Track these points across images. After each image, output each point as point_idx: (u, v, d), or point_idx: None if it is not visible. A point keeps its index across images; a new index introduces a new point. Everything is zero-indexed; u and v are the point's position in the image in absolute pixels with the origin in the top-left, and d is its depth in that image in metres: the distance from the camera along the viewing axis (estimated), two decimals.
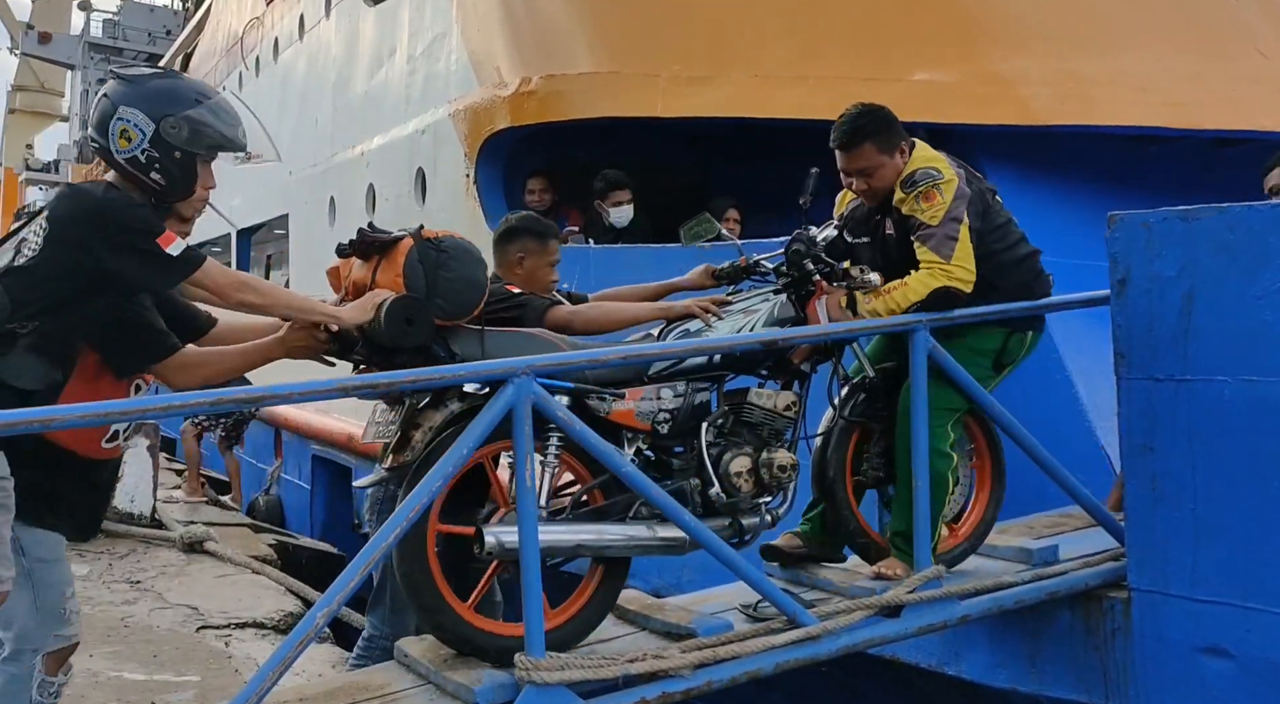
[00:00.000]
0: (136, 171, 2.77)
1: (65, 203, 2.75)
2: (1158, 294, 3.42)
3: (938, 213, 3.37)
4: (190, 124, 2.77)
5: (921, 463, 3.37)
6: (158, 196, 2.81)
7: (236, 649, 5.21)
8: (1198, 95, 6.05)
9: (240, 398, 2.70)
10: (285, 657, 2.54)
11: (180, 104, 2.78)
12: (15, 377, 2.63)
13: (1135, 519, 3.50)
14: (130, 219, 2.68)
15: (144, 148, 2.74)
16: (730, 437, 3.24)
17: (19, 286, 2.66)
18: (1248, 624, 3.22)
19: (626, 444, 3.13)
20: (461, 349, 2.97)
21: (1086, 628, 3.63)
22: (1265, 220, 3.22)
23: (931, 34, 6.24)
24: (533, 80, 6.63)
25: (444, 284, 2.94)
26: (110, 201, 2.71)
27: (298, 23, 11.58)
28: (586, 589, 3.06)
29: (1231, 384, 3.26)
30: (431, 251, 2.96)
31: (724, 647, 2.98)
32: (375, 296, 2.90)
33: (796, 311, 3.42)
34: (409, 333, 2.86)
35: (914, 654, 3.97)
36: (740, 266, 3.61)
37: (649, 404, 3.14)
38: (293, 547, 8.24)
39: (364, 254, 3.06)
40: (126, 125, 2.74)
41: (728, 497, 3.15)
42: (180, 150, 2.76)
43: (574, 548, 2.99)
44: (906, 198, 3.43)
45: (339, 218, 9.80)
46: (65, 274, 2.67)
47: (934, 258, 3.37)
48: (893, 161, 3.50)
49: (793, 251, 3.44)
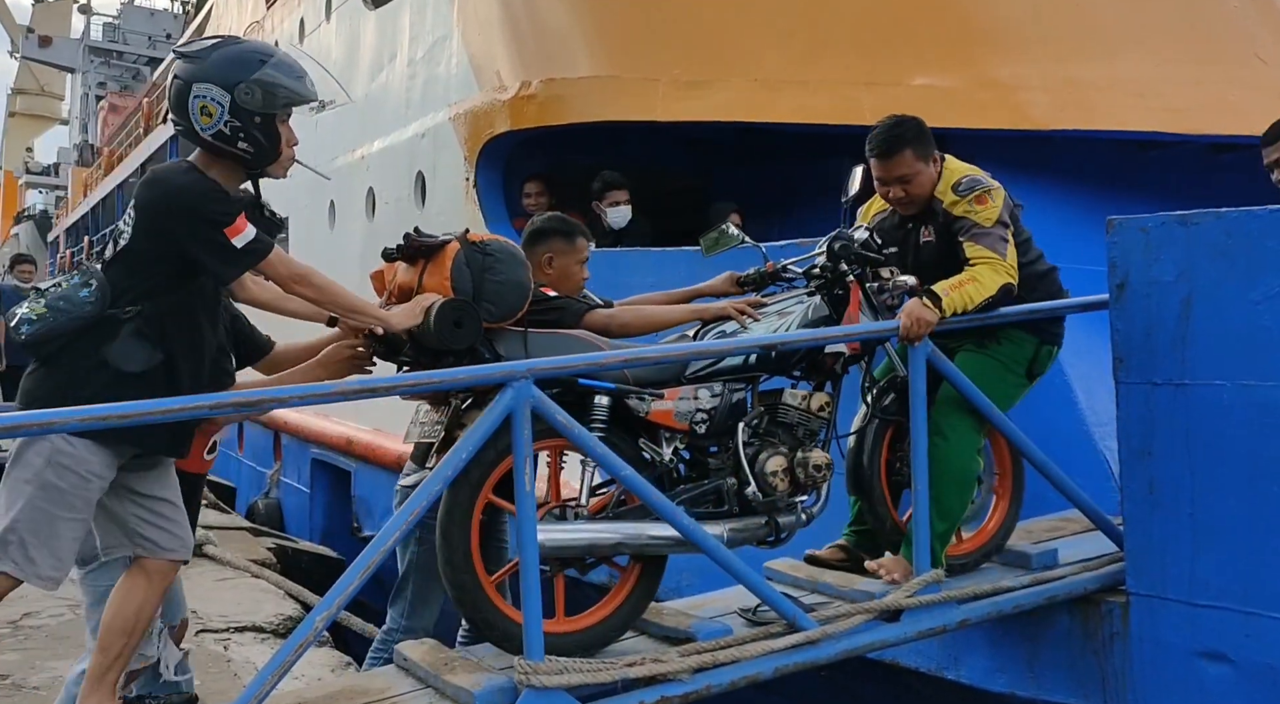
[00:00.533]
0: (224, 145, 2.80)
1: (146, 191, 2.81)
2: (1156, 299, 3.43)
3: (992, 215, 3.48)
4: (262, 86, 2.79)
5: (921, 467, 3.38)
6: (249, 165, 2.86)
7: (236, 653, 5.21)
8: (1196, 101, 6.06)
9: (239, 401, 2.70)
10: (284, 661, 2.55)
11: (248, 68, 2.79)
12: (122, 361, 2.74)
13: (1133, 524, 3.50)
14: (202, 210, 2.74)
15: (226, 119, 2.77)
16: (765, 437, 3.28)
17: (118, 274, 2.77)
18: (1246, 629, 3.22)
19: (665, 443, 3.17)
20: (506, 351, 3.02)
21: (1085, 632, 3.64)
22: (1263, 225, 3.22)
23: (931, 39, 6.26)
24: (533, 84, 6.63)
25: (490, 287, 2.99)
26: (184, 189, 2.77)
27: (298, 26, 11.59)
28: (625, 586, 3.10)
29: (1230, 389, 3.26)
30: (478, 255, 3.01)
31: (723, 651, 2.98)
32: (424, 300, 2.95)
33: (831, 313, 3.45)
34: (458, 335, 2.90)
35: (913, 658, 3.97)
36: (766, 272, 3.65)
37: (686, 404, 3.18)
38: (292, 550, 8.23)
39: (410, 258, 3.10)
40: (205, 101, 2.77)
41: (764, 496, 3.19)
42: (259, 114, 2.79)
43: (615, 546, 3.04)
44: (960, 201, 3.51)
45: (339, 221, 9.80)
46: (156, 259, 2.77)
47: (992, 254, 3.44)
48: (928, 169, 3.58)
49: (839, 248, 3.47)
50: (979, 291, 3.42)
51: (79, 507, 2.74)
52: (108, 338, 2.73)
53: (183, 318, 2.83)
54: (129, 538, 2.90)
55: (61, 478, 2.69)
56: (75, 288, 2.76)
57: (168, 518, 2.92)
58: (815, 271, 3.51)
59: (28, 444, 2.70)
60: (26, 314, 2.74)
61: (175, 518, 2.94)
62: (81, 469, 2.71)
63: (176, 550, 2.93)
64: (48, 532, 2.71)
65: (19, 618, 5.55)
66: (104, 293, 2.74)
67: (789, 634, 3.09)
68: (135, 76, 42.13)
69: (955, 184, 3.54)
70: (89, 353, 2.72)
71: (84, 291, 2.74)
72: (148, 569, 2.91)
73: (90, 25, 45.32)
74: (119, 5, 45.84)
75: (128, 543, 2.90)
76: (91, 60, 44.02)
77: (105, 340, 2.73)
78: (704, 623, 3.12)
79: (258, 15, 13.65)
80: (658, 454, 3.16)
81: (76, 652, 4.37)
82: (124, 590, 2.90)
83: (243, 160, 2.84)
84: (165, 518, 2.91)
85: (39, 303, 2.75)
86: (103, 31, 44.70)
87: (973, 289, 3.42)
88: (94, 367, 2.72)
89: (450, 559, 2.88)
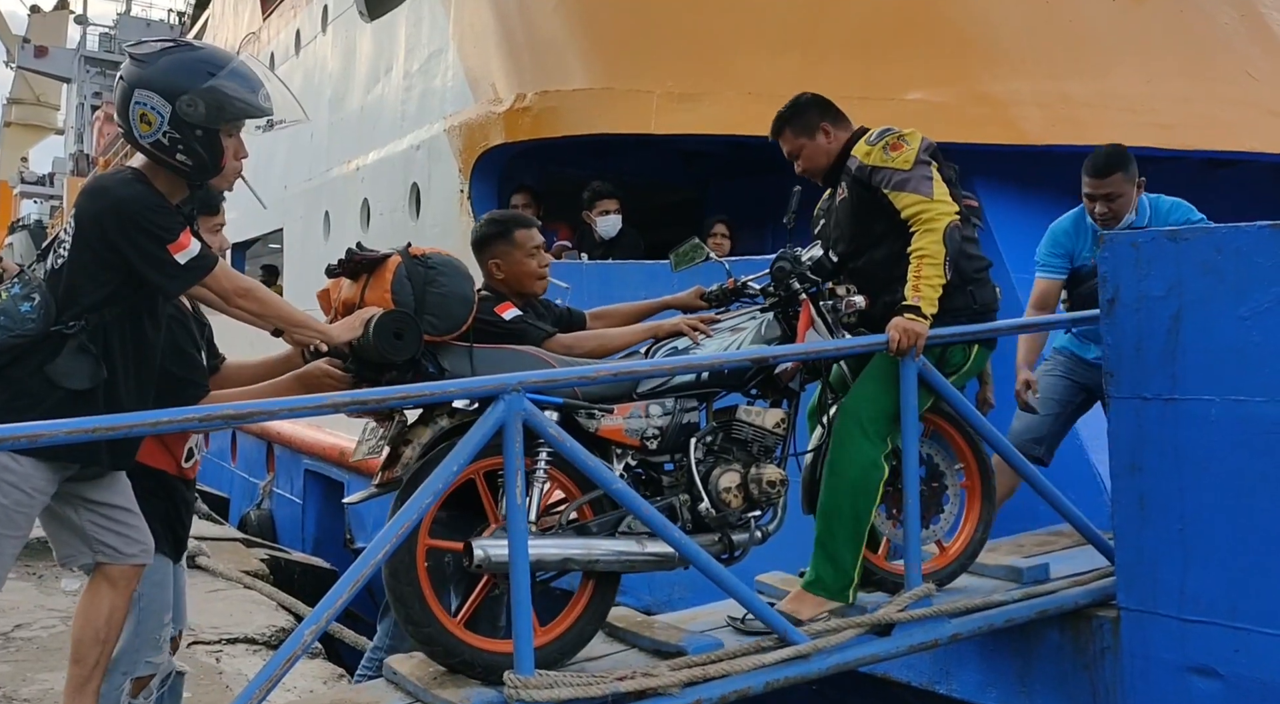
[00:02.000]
0: (162, 155, 2.72)
1: (88, 201, 2.72)
2: (1146, 313, 3.44)
3: (909, 157, 3.40)
4: (206, 98, 2.68)
5: (912, 481, 3.38)
6: (188, 177, 2.77)
7: (227, 665, 5.20)
8: (1187, 117, 6.10)
9: (229, 414, 2.70)
10: (272, 674, 2.54)
11: (194, 78, 2.68)
12: (65, 377, 2.66)
13: (1124, 538, 3.51)
14: (144, 224, 2.66)
15: (165, 130, 2.67)
16: (719, 453, 3.26)
17: (60, 288, 2.68)
18: (1236, 644, 3.23)
19: (616, 460, 3.14)
20: (451, 365, 2.99)
21: (1076, 647, 3.64)
22: (1252, 241, 3.24)
23: (925, 54, 6.29)
24: (527, 96, 6.66)
25: (433, 300, 2.96)
26: (127, 200, 2.67)
27: (294, 38, 11.62)
28: (577, 605, 3.07)
29: (1219, 404, 3.27)
30: (419, 268, 2.98)
31: (713, 665, 2.97)
32: (364, 313, 2.92)
33: (783, 330, 3.43)
34: (398, 347, 2.87)
35: (905, 673, 3.97)
36: (728, 288, 3.64)
37: (638, 421, 3.16)
38: (285, 561, 8.21)
39: (353, 273, 3.07)
40: (145, 108, 2.67)
41: (716, 512, 3.17)
42: (201, 128, 2.69)
43: (563, 562, 3.00)
44: (872, 150, 3.45)
45: (334, 232, 9.81)
46: (99, 271, 2.68)
47: (917, 198, 3.35)
48: (814, 142, 3.64)
49: (777, 269, 3.46)
50: (933, 267, 3.30)
51: (21, 523, 2.69)
52: (51, 355, 2.65)
53: (127, 330, 2.75)
54: (89, 546, 2.84)
55: (6, 495, 2.64)
56: (15, 301, 2.67)
57: (123, 523, 2.86)
58: (770, 289, 3.50)
59: None
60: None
61: (132, 523, 2.88)
62: (26, 486, 2.65)
63: (136, 555, 2.87)
64: None
65: (10, 630, 5.53)
66: (47, 309, 2.65)
67: (780, 648, 3.09)
68: None
69: (868, 136, 3.51)
70: (34, 370, 2.65)
71: (25, 306, 2.65)
72: (110, 576, 2.84)
73: (86, 35, 45.36)
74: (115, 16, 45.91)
75: (88, 551, 2.85)
76: (87, 70, 44.06)
77: (49, 357, 2.65)
78: (694, 637, 3.12)
79: (254, 26, 13.68)
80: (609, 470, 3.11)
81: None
82: (89, 599, 2.85)
83: (182, 172, 2.75)
84: (121, 523, 2.85)
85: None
86: (99, 42, 44.75)
87: (928, 270, 3.30)
88: (39, 384, 2.65)
89: (409, 617, 2.84)
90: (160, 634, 3.20)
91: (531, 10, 7.03)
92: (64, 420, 2.40)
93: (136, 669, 3.16)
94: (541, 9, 6.97)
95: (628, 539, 3.07)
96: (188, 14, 34.49)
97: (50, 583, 7.33)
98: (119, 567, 2.86)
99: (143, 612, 3.15)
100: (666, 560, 3.08)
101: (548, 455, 2.99)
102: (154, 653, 3.19)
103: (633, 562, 3.06)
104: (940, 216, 3.33)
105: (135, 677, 3.17)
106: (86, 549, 2.86)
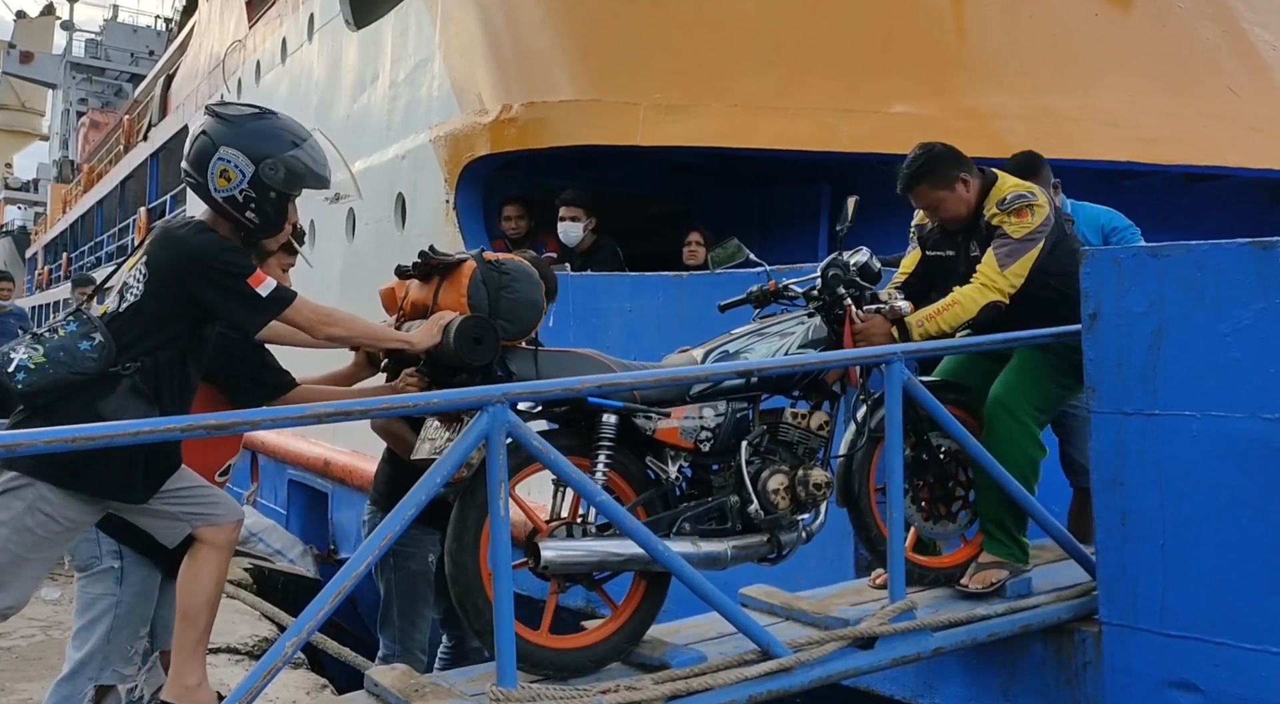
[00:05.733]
0: (232, 210, 2.86)
1: (162, 249, 2.85)
2: (1127, 329, 3.46)
3: (1025, 228, 3.67)
4: (288, 166, 2.84)
5: (896, 490, 3.39)
6: (248, 233, 2.91)
7: (210, 675, 5.11)
8: (1169, 131, 6.16)
9: (212, 424, 2.68)
10: (253, 685, 2.52)
11: (279, 146, 2.85)
12: (117, 415, 2.72)
13: (1105, 553, 3.52)
14: (224, 263, 2.79)
15: (242, 188, 2.82)
16: (766, 455, 3.32)
17: (125, 331, 2.79)
18: (1216, 659, 3.24)
19: (670, 461, 3.21)
20: (517, 368, 3.04)
21: (1058, 661, 3.65)
22: (1233, 259, 3.26)
23: (910, 68, 6.33)
24: (514, 107, 6.66)
25: (506, 305, 3.02)
26: (204, 245, 2.81)
27: (280, 46, 11.60)
28: (630, 604, 3.13)
29: (1200, 419, 3.29)
30: (494, 273, 3.04)
31: (696, 679, 2.97)
32: (441, 318, 2.98)
33: (830, 334, 3.53)
34: (477, 352, 2.93)
35: (888, 686, 3.97)
36: (769, 290, 3.71)
37: (692, 422, 3.22)
38: (268, 571, 8.17)
39: (425, 275, 3.13)
40: (227, 165, 2.81)
41: (766, 513, 3.23)
42: (276, 191, 2.85)
43: (624, 562, 3.05)
44: (1000, 214, 3.72)
45: (319, 241, 9.79)
46: (171, 317, 2.81)
47: (991, 269, 3.63)
48: (954, 194, 3.78)
49: (830, 276, 3.55)
50: (958, 315, 3.61)
51: (48, 550, 2.81)
52: (104, 393, 2.74)
53: (175, 372, 2.85)
54: (184, 522, 2.92)
55: (40, 525, 2.74)
56: (74, 338, 2.75)
57: (202, 494, 2.96)
58: (814, 293, 3.60)
59: (11, 491, 2.73)
60: (23, 361, 2.72)
61: (209, 491, 2.99)
62: (59, 516, 2.76)
63: (227, 514, 2.97)
64: (12, 572, 2.75)
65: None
66: (108, 350, 2.75)
67: (763, 661, 3.08)
68: (117, 93, 42.00)
69: (1001, 200, 3.73)
70: (85, 407, 2.71)
71: (84, 344, 2.74)
72: (212, 539, 2.93)
73: (72, 41, 45.19)
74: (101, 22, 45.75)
75: (185, 526, 2.92)
76: (73, 76, 43.87)
77: (101, 395, 2.74)
78: (678, 650, 3.12)
79: (240, 34, 13.65)
80: (664, 472, 3.21)
81: (48, 673, 4.32)
82: (194, 565, 2.92)
83: (244, 228, 2.89)
84: (200, 495, 2.95)
85: (37, 351, 2.73)
86: (85, 48, 44.58)
87: (949, 315, 3.61)
88: (90, 420, 2.67)
89: (478, 628, 2.89)
90: (134, 645, 3.20)
91: (518, 21, 7.04)
92: (40, 430, 2.40)
93: (102, 677, 3.18)
94: (528, 20, 6.98)
95: (682, 540, 3.14)
96: (174, 21, 34.41)
97: None
98: (216, 527, 2.94)
99: (118, 619, 3.15)
100: (719, 560, 3.18)
101: (606, 458, 3.05)
102: (123, 664, 3.20)
103: (687, 561, 3.10)
104: (995, 292, 3.62)
105: (99, 684, 3.17)
106: (184, 526, 2.94)
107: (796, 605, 3.56)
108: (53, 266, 31.97)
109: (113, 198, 25.02)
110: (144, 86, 26.90)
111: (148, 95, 23.19)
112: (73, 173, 36.47)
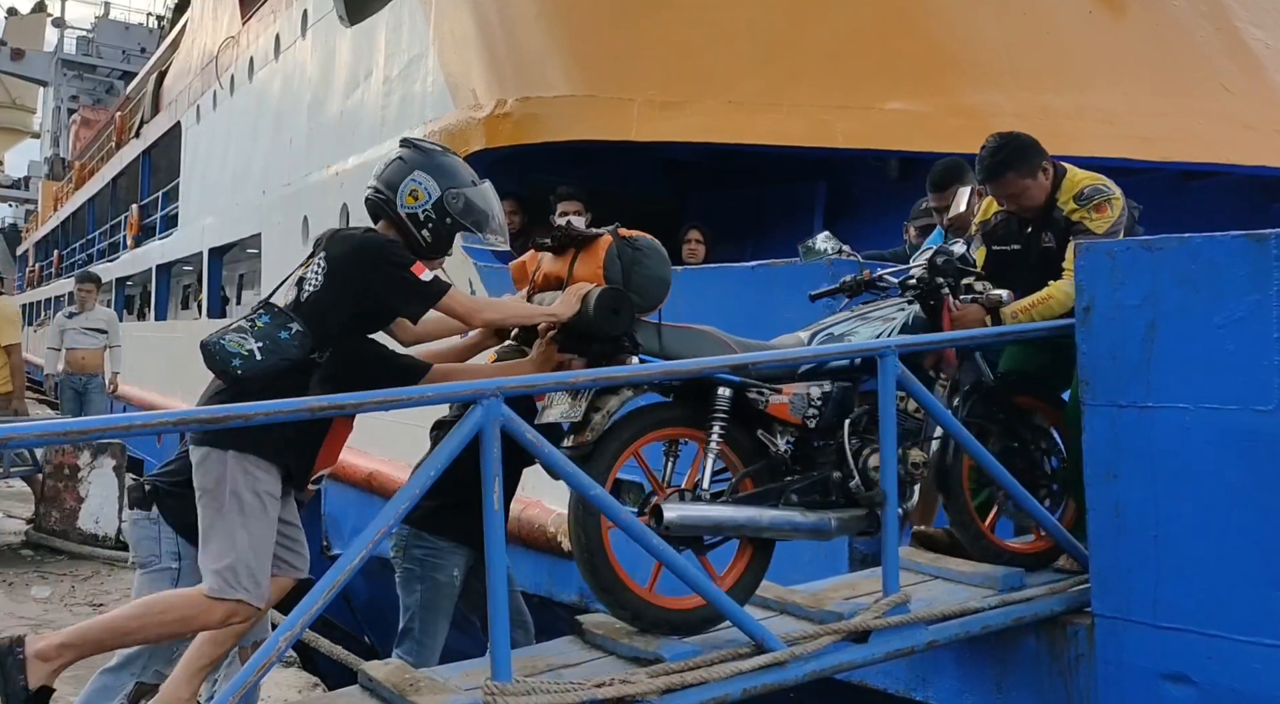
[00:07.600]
0: (411, 226, 3.13)
1: (339, 244, 3.10)
2: (1121, 322, 3.46)
3: (1106, 223, 3.77)
4: (468, 197, 3.15)
5: (891, 480, 3.39)
6: (415, 249, 3.13)
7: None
8: (1164, 129, 6.17)
9: (203, 419, 2.67)
10: (245, 681, 2.51)
11: (462, 181, 3.16)
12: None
13: (1098, 546, 3.53)
14: (391, 252, 3.06)
15: (425, 209, 3.11)
16: (865, 434, 3.42)
17: (309, 320, 2.98)
18: (1209, 651, 3.25)
19: (779, 436, 3.34)
20: (643, 340, 3.18)
21: (1051, 654, 3.65)
22: (1227, 251, 3.27)
23: (905, 66, 6.34)
24: (508, 103, 6.66)
25: (638, 279, 3.17)
26: (375, 240, 3.10)
27: (273, 43, 11.58)
28: (735, 569, 3.29)
29: (1193, 412, 3.29)
30: (628, 249, 3.19)
31: (691, 672, 2.96)
32: (579, 289, 3.15)
33: (930, 320, 3.66)
34: (615, 321, 3.10)
35: (882, 680, 3.97)
36: (862, 280, 3.89)
37: (800, 400, 3.35)
38: None
39: (559, 249, 3.29)
40: (417, 186, 3.12)
41: (866, 488, 3.33)
42: (452, 218, 3.13)
43: (739, 527, 3.22)
44: (1079, 209, 3.79)
45: (312, 238, 9.78)
46: (341, 305, 3.02)
47: None
48: (1036, 182, 3.85)
49: (942, 263, 3.68)
50: (1053, 308, 3.72)
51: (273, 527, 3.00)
52: (304, 381, 2.96)
53: (354, 365, 3.07)
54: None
55: (269, 507, 2.94)
56: (273, 328, 2.93)
57: (295, 540, 3.18)
58: (911, 282, 3.72)
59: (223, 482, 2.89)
60: (235, 350, 2.87)
61: (301, 537, 3.21)
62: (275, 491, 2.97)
63: (301, 568, 3.21)
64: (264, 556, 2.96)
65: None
66: (306, 337, 2.94)
67: (757, 655, 3.08)
68: (108, 90, 41.94)
69: (1078, 194, 3.80)
70: (289, 393, 2.85)
71: (283, 333, 2.93)
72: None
73: (64, 39, 45.07)
74: (93, 19, 45.65)
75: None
76: (64, 74, 43.80)
77: (302, 383, 2.95)
78: (672, 644, 3.11)
79: (233, 31, 13.63)
80: (774, 445, 3.33)
81: None
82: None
83: (413, 245, 3.11)
84: (294, 541, 3.18)
85: (246, 341, 2.90)
86: (76, 45, 44.47)
87: (1044, 308, 3.74)
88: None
89: (601, 585, 3.07)
90: (177, 649, 3.24)
91: (512, 17, 7.04)
92: (36, 423, 2.39)
93: (145, 674, 3.32)
94: (523, 16, 6.97)
95: (791, 510, 3.30)
96: (167, 18, 34.36)
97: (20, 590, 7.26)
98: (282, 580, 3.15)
99: None
100: (825, 531, 3.33)
101: (720, 429, 3.18)
102: (166, 665, 3.27)
103: (796, 530, 3.29)
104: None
105: (140, 680, 3.31)
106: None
107: (790, 599, 3.56)
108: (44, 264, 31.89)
109: (104, 195, 24.98)
110: (136, 83, 26.84)
111: (140, 92, 23.14)
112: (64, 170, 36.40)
